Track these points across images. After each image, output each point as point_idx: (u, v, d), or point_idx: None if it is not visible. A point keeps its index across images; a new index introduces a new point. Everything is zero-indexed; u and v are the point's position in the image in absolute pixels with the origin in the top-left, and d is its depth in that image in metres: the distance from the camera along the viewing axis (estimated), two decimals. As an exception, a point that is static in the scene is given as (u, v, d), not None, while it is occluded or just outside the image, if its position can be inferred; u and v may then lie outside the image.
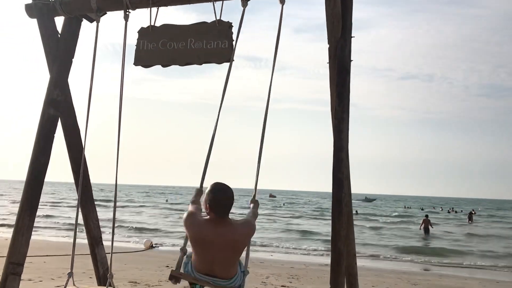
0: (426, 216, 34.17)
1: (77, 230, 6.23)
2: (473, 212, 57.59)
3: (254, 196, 4.11)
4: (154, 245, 18.85)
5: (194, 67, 5.84)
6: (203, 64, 5.78)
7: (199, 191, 3.87)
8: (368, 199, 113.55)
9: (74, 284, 6.19)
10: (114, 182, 6.08)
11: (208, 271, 3.29)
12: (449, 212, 70.22)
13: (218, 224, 3.18)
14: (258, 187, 4.14)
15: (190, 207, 3.46)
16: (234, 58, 5.43)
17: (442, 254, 21.54)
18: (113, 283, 6.24)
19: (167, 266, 12.87)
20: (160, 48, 5.95)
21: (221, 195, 3.20)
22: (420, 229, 32.67)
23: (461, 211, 72.26)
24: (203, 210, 3.38)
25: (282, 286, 10.58)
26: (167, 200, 74.17)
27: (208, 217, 3.24)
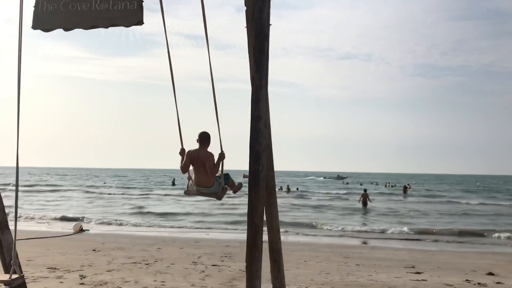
0: (365, 190, 35.20)
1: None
2: (407, 186, 60.08)
3: (221, 148, 5.67)
4: (83, 229, 18.01)
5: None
6: (110, 28, 5.25)
7: (182, 150, 5.80)
8: (340, 177, 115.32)
9: (-26, 274, 5.60)
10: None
11: (197, 184, 5.86)
12: (386, 186, 72.61)
13: (200, 150, 5.76)
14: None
15: (184, 158, 5.78)
16: (169, 35, 5.03)
17: (377, 228, 22.05)
18: (19, 270, 5.64)
19: (94, 250, 12.24)
20: (62, 10, 5.33)
21: (202, 133, 5.80)
22: (359, 202, 33.67)
23: (395, 185, 74.94)
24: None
25: (213, 265, 10.30)
26: (105, 183, 72.23)
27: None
